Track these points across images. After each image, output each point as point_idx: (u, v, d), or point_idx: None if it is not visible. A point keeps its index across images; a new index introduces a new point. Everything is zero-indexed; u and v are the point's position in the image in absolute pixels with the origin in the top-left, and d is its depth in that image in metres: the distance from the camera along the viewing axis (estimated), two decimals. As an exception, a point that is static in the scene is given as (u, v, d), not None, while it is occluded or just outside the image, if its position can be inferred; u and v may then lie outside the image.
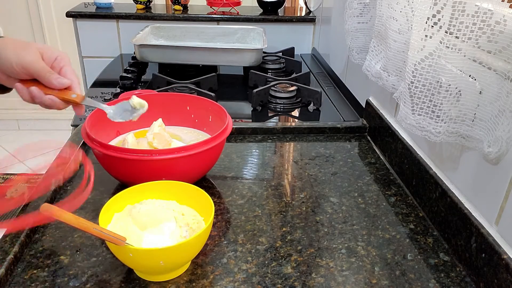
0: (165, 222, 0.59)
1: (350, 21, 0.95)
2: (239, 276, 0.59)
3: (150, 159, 0.68)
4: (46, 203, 0.47)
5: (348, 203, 0.76)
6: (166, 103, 0.88)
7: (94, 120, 0.77)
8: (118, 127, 0.85)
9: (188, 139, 0.86)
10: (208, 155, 0.75)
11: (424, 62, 0.61)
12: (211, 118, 0.86)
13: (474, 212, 0.61)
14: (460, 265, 0.62)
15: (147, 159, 0.68)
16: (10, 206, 0.62)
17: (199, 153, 0.71)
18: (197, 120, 0.89)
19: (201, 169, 0.77)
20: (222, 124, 0.78)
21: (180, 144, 0.81)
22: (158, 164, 0.69)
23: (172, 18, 1.68)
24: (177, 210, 0.62)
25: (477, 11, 0.53)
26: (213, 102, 0.86)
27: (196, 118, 0.89)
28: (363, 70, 0.89)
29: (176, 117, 0.89)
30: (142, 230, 0.58)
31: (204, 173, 0.80)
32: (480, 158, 0.60)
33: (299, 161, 0.90)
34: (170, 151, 0.69)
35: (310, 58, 1.65)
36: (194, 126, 0.89)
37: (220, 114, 0.83)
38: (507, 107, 0.51)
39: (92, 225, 0.48)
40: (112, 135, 0.84)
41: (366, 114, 1.03)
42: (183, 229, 0.60)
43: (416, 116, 0.65)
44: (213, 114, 0.86)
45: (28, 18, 2.84)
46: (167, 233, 0.58)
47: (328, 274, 0.60)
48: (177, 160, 0.69)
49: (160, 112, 0.85)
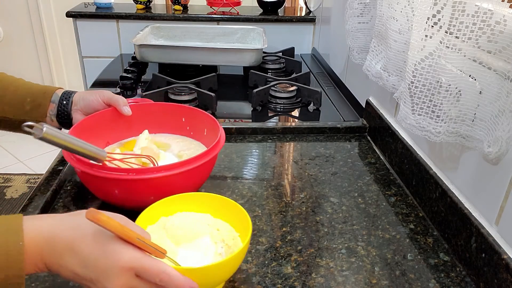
0: (200, 238, 0.58)
1: (351, 21, 0.95)
2: (239, 276, 0.59)
3: (126, 179, 0.63)
4: (92, 208, 0.45)
5: (348, 203, 0.76)
6: (160, 113, 0.84)
7: (78, 132, 0.72)
8: (108, 137, 0.81)
9: (177, 148, 0.81)
10: (191, 175, 0.67)
11: (424, 62, 0.61)
12: (206, 131, 0.81)
13: (474, 212, 0.61)
14: (460, 265, 0.62)
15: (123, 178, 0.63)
16: None
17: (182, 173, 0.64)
18: (192, 132, 0.84)
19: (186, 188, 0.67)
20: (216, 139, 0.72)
21: (169, 156, 0.78)
22: (137, 183, 0.64)
23: (172, 18, 1.68)
24: (212, 224, 0.60)
25: (477, 11, 0.53)
26: (207, 115, 0.80)
27: (192, 131, 0.84)
28: (364, 70, 0.89)
29: (170, 126, 0.85)
30: (176, 245, 0.57)
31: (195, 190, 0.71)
32: (480, 158, 0.60)
33: (299, 161, 0.90)
34: (148, 171, 0.64)
35: (310, 58, 1.65)
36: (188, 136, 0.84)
37: (214, 128, 0.77)
38: (507, 107, 0.51)
39: (136, 235, 0.47)
40: (101, 145, 0.79)
41: (366, 114, 1.03)
42: (218, 245, 0.58)
43: (416, 116, 0.65)
44: (208, 127, 0.80)
45: (28, 18, 2.84)
46: (202, 249, 0.57)
47: (328, 274, 0.60)
48: (159, 179, 0.64)
49: (155, 122, 0.83)
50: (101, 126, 0.79)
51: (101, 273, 0.46)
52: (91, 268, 0.46)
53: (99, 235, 0.47)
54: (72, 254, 0.46)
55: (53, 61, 3.00)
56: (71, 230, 0.47)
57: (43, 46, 2.94)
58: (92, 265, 0.46)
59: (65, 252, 0.46)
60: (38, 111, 0.76)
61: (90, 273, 0.46)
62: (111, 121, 0.80)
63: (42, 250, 0.46)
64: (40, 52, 2.96)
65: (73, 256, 0.46)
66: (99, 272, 0.46)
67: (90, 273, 0.46)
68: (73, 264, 0.46)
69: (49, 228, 0.47)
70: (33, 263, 0.46)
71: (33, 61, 2.99)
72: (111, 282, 0.46)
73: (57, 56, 3.01)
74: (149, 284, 0.48)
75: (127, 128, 0.82)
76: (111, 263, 0.46)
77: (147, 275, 0.47)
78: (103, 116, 0.79)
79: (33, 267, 0.46)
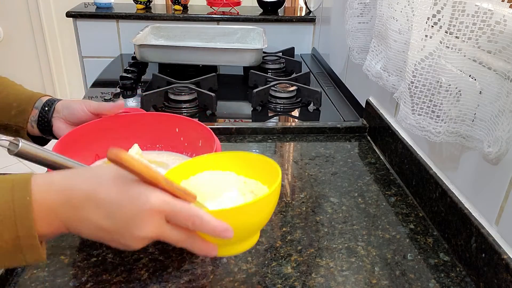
0: (226, 192, 0.54)
1: (351, 21, 0.95)
2: (239, 276, 0.59)
3: None
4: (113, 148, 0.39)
5: (348, 203, 0.76)
6: (153, 124, 0.80)
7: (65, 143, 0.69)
8: (97, 150, 0.76)
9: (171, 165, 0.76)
10: None
11: (424, 62, 0.61)
12: (201, 142, 0.77)
13: (474, 212, 0.61)
14: (460, 265, 0.62)
15: None
16: None
17: None
18: (187, 143, 0.79)
19: None
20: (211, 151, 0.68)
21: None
22: None
23: (172, 18, 1.68)
24: (238, 179, 0.57)
25: (477, 11, 0.53)
26: (202, 125, 0.76)
27: (186, 142, 0.79)
28: (364, 70, 0.89)
29: (164, 137, 0.80)
30: (203, 202, 0.52)
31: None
32: (480, 158, 0.60)
33: (299, 161, 0.90)
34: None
35: (310, 58, 1.65)
36: (183, 150, 0.79)
37: (209, 139, 0.74)
38: (507, 107, 0.51)
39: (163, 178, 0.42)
40: (90, 158, 0.76)
41: (366, 114, 1.03)
42: (247, 196, 0.53)
43: (416, 116, 0.65)
44: (203, 138, 0.76)
45: (28, 18, 2.84)
46: (231, 203, 0.52)
47: (328, 274, 0.60)
48: None
49: (148, 132, 0.79)
50: (90, 138, 0.75)
51: (128, 221, 0.41)
52: (116, 217, 0.41)
53: (120, 180, 0.42)
54: (93, 205, 0.41)
55: (53, 61, 3.01)
56: (87, 180, 0.42)
57: (43, 46, 2.94)
58: (117, 214, 0.41)
59: (84, 204, 0.41)
60: (21, 116, 0.74)
61: (116, 223, 0.41)
62: (100, 132, 0.76)
63: (56, 206, 0.41)
64: (40, 52, 2.96)
65: (94, 207, 0.41)
66: (125, 220, 0.41)
67: (116, 223, 0.41)
68: (95, 217, 0.41)
69: (62, 181, 0.42)
70: (48, 222, 0.41)
71: (33, 61, 3.00)
72: (141, 229, 0.41)
73: (57, 56, 3.01)
74: (180, 230, 0.44)
75: (118, 139, 0.78)
76: (138, 208, 0.41)
77: (178, 219, 0.42)
78: (91, 127, 0.75)
79: (48, 227, 0.41)
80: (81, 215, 0.41)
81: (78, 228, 0.42)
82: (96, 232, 0.42)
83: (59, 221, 0.41)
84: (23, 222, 0.39)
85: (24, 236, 0.40)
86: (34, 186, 0.41)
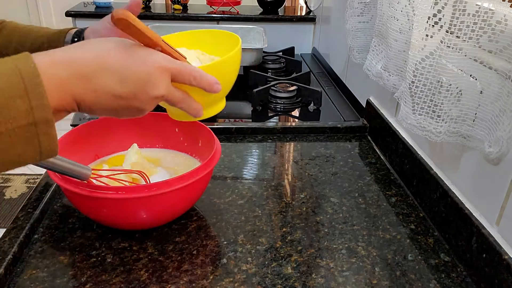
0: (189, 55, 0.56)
1: (351, 21, 0.95)
2: (239, 277, 0.59)
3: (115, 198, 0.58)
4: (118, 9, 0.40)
5: (348, 203, 0.75)
6: (153, 123, 0.79)
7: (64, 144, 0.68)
8: (96, 150, 0.76)
9: (170, 164, 0.77)
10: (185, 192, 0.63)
11: (425, 62, 0.61)
12: (201, 143, 0.77)
13: (474, 212, 0.61)
14: (461, 266, 0.62)
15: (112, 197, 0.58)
16: None
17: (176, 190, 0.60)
18: (186, 143, 0.79)
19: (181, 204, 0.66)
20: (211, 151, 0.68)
21: (161, 172, 0.73)
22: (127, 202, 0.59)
23: (172, 17, 1.68)
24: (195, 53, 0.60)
25: (478, 10, 0.53)
26: (203, 125, 0.76)
27: (185, 142, 0.79)
28: (364, 70, 0.89)
29: (163, 138, 0.80)
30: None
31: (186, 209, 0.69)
32: (481, 158, 0.60)
33: (299, 161, 0.90)
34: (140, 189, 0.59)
35: (310, 58, 1.65)
36: (183, 150, 0.80)
37: (209, 139, 0.73)
38: (508, 107, 0.50)
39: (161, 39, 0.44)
40: (90, 158, 0.76)
41: (367, 114, 1.03)
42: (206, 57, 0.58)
43: (417, 116, 0.64)
44: (203, 138, 0.76)
45: (28, 18, 2.84)
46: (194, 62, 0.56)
47: (329, 274, 0.60)
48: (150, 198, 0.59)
49: (147, 132, 0.79)
50: (89, 138, 0.75)
51: (143, 82, 0.42)
52: (130, 80, 0.41)
53: (123, 46, 0.42)
54: (105, 72, 0.40)
55: (52, 60, 3.01)
56: (90, 51, 0.41)
57: (43, 45, 2.94)
58: (131, 78, 0.41)
59: (97, 74, 0.40)
60: None
61: (131, 86, 0.41)
62: (99, 132, 0.76)
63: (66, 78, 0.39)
64: (39, 51, 2.96)
65: (108, 75, 0.40)
66: (140, 81, 0.42)
67: (131, 86, 0.41)
68: (110, 84, 0.40)
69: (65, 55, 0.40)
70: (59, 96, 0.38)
71: (33, 61, 2.99)
72: (156, 88, 0.42)
73: (56, 56, 3.01)
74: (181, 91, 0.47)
75: (117, 139, 0.78)
76: (149, 69, 0.42)
77: (181, 77, 0.45)
78: (91, 127, 0.75)
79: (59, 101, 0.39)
80: (95, 85, 0.40)
81: (92, 102, 0.40)
82: (111, 101, 0.41)
83: (70, 96, 0.39)
84: (35, 88, 0.36)
85: (37, 106, 0.36)
86: (36, 60, 0.37)
